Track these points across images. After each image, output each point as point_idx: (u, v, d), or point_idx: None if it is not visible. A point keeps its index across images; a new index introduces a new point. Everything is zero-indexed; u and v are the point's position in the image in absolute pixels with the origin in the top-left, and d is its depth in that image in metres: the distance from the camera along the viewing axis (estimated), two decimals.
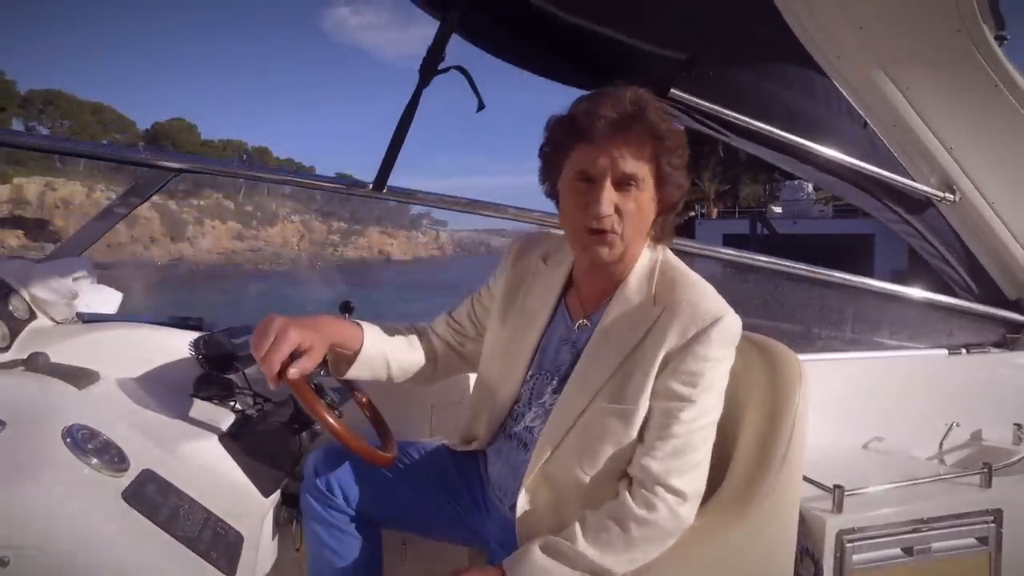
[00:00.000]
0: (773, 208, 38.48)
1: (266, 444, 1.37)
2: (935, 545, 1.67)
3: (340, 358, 1.38)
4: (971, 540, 1.72)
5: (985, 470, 1.77)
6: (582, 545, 1.12)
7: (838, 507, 1.65)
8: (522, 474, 1.27)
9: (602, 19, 1.66)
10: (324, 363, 1.41)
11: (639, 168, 1.13)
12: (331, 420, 1.23)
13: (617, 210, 1.14)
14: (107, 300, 1.85)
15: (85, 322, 1.64)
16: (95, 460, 0.92)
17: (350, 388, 1.49)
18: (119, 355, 1.50)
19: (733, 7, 1.69)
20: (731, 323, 1.17)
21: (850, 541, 1.61)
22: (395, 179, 2.06)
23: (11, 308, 1.49)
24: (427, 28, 1.77)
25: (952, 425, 2.24)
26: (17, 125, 53.40)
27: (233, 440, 1.34)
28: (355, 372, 1.38)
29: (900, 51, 1.84)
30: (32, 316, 1.55)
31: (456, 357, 1.52)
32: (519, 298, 1.38)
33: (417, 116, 1.86)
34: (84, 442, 0.94)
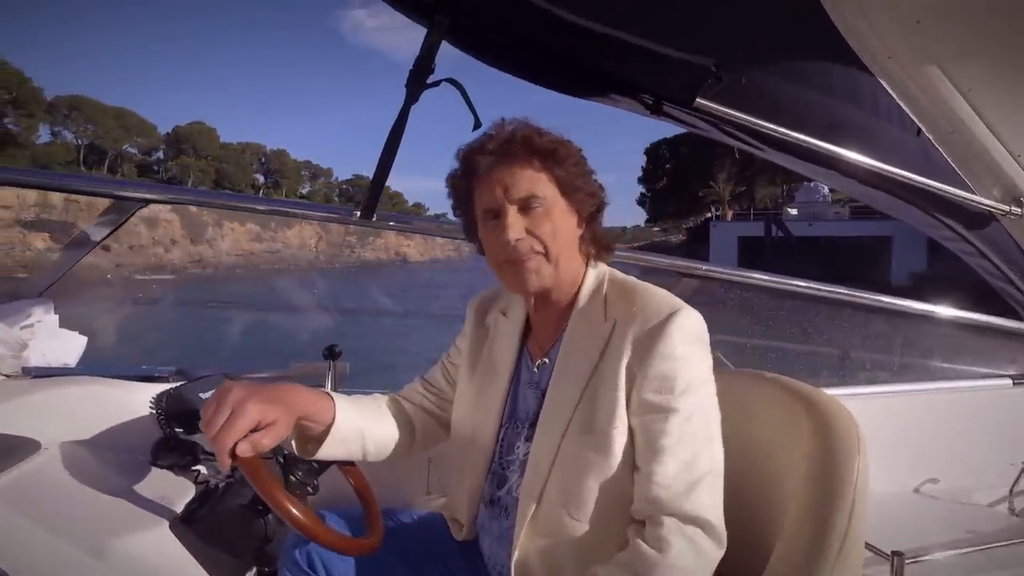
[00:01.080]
0: (789, 210, 38.03)
1: (225, 529, 1.19)
2: None
3: (308, 434, 1.20)
4: None
5: None
6: None
7: None
8: (509, 540, 1.15)
9: (615, 22, 1.43)
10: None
11: (535, 185, 1.12)
12: (292, 510, 1.02)
13: (531, 233, 1.12)
14: (67, 347, 1.67)
15: (33, 377, 1.46)
16: None
17: None
18: (68, 417, 1.33)
19: (767, 5, 1.45)
20: (689, 317, 1.08)
21: None
22: (407, 186, 1.84)
23: None
24: None
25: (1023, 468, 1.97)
26: (44, 130, 54.66)
27: (187, 526, 1.15)
28: (326, 451, 1.20)
29: (961, 48, 1.59)
30: None
31: (435, 423, 1.40)
32: (483, 352, 1.33)
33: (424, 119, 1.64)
34: None
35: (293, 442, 1.21)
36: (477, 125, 1.51)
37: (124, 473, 1.25)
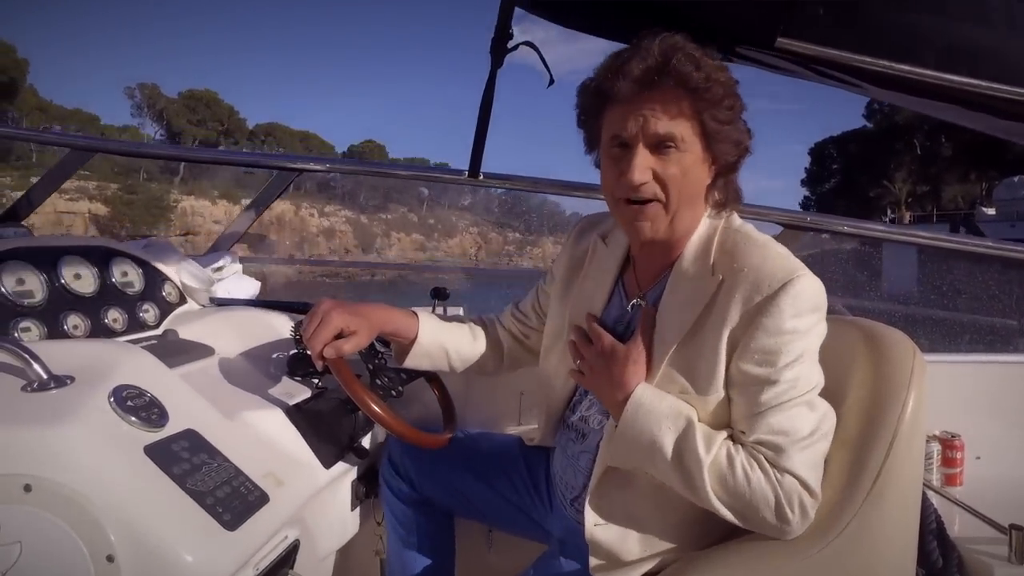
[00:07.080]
0: (983, 210, 31.93)
1: (323, 419, 1.44)
2: None
3: (399, 347, 1.41)
4: None
5: None
6: (702, 451, 0.99)
7: (1018, 555, 1.29)
8: (580, 465, 1.22)
9: None
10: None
11: (676, 127, 1.01)
12: (368, 401, 1.26)
13: (657, 177, 1.03)
14: (246, 288, 2.11)
15: (217, 305, 1.87)
16: (133, 417, 1.01)
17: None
18: (235, 333, 1.68)
19: None
20: (806, 286, 0.99)
21: None
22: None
23: (164, 294, 1.76)
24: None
25: None
26: None
27: (297, 412, 1.41)
28: (413, 361, 1.40)
29: None
30: (183, 300, 1.82)
31: (521, 349, 1.49)
32: (578, 280, 1.31)
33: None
34: (126, 400, 1.03)
35: (392, 350, 1.43)
36: (551, 82, 1.61)
37: (265, 376, 1.55)
